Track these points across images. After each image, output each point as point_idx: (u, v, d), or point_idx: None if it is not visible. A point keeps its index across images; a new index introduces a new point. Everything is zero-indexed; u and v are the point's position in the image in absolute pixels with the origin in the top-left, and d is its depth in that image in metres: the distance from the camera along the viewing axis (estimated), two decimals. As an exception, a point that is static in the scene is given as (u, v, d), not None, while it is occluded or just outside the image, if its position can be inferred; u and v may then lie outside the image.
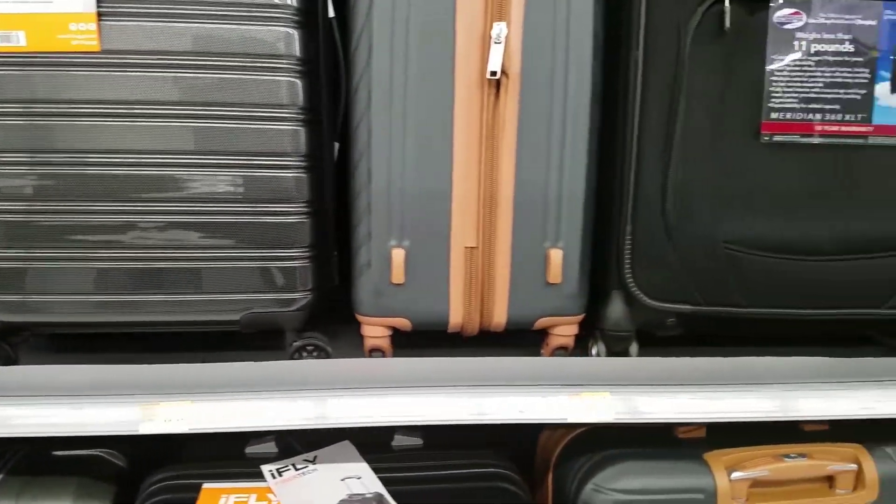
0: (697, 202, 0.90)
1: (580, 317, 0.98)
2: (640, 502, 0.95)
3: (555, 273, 0.92)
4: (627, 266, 0.93)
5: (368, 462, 1.04)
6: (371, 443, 1.10)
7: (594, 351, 1.01)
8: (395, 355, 1.01)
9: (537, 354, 1.06)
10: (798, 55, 0.87)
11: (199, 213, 0.89)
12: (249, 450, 1.08)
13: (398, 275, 0.90)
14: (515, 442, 1.21)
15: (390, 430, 1.13)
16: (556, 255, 0.92)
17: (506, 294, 0.93)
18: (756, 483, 0.99)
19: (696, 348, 1.04)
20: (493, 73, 0.86)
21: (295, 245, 0.91)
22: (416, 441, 1.11)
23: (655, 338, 1.03)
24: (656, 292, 0.93)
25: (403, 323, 0.93)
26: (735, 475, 0.97)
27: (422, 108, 0.88)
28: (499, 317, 0.94)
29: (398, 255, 0.90)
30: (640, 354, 1.02)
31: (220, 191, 0.88)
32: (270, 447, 1.08)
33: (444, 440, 1.13)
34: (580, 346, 1.06)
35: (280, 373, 0.90)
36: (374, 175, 0.89)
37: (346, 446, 1.08)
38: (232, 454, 1.07)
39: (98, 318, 0.92)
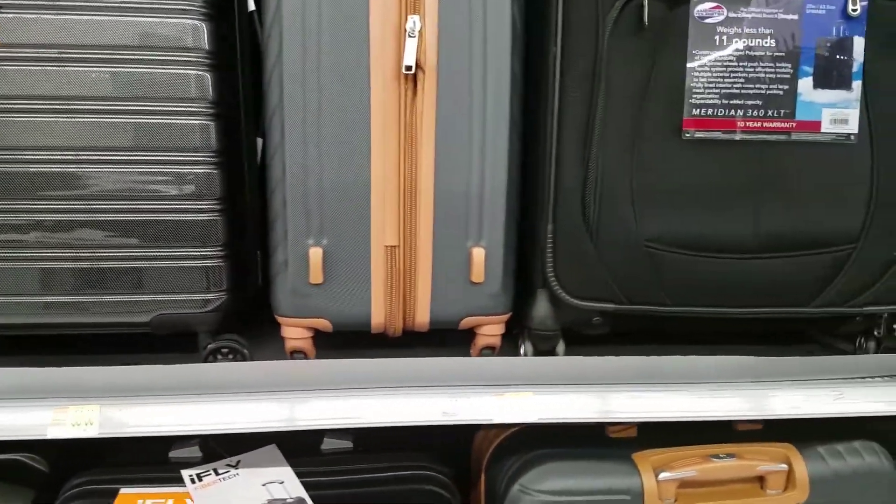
0: (618, 200, 0.89)
1: (506, 316, 0.96)
2: (564, 503, 0.95)
3: (478, 272, 0.90)
4: (550, 265, 0.91)
5: (296, 466, 1.02)
6: (300, 446, 1.09)
7: (522, 350, 1.00)
8: (331, 356, 0.99)
9: (467, 354, 1.05)
10: (719, 50, 0.86)
11: (105, 210, 0.86)
12: (173, 454, 1.05)
13: (316, 275, 0.87)
14: (463, 442, 1.21)
15: (319, 434, 1.12)
16: (478, 254, 0.90)
17: (428, 293, 0.91)
18: (685, 483, 0.98)
19: (626, 347, 1.03)
20: (409, 68, 0.84)
21: (208, 244, 0.88)
22: (346, 444, 1.09)
23: (584, 336, 1.02)
24: (579, 291, 0.92)
25: (324, 324, 0.91)
26: (663, 475, 0.96)
27: (337, 102, 0.85)
28: (422, 317, 0.92)
29: (315, 254, 0.87)
30: (569, 353, 1.02)
31: (127, 188, 0.85)
32: (195, 451, 1.05)
33: (377, 443, 1.13)
34: (511, 345, 1.05)
35: (193, 376, 0.87)
36: (288, 171, 0.86)
37: (272, 450, 1.05)
38: (156, 459, 1.06)
39: (3, 319, 0.89)
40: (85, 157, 0.84)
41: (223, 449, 1.06)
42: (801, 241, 0.91)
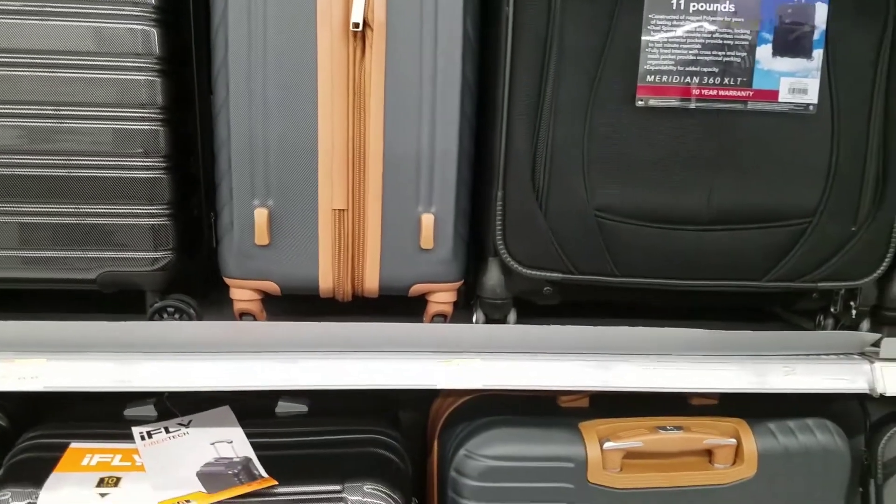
0: (569, 169, 0.87)
1: (457, 283, 0.96)
2: (508, 469, 0.95)
3: (427, 238, 0.90)
4: (499, 233, 0.90)
5: (250, 428, 1.03)
6: (255, 409, 1.10)
7: (475, 318, 1.00)
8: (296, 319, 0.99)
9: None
10: (676, 15, 0.84)
11: (49, 166, 0.86)
12: (128, 412, 1.07)
13: (261, 236, 0.87)
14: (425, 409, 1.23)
15: (275, 396, 1.13)
16: (428, 220, 0.89)
17: (377, 259, 0.90)
18: (631, 454, 0.98)
19: (579, 318, 1.03)
20: (357, 25, 0.82)
21: (154, 202, 0.88)
22: (301, 408, 1.11)
23: (539, 307, 1.02)
24: (528, 260, 0.91)
25: (271, 286, 0.90)
26: (608, 445, 0.96)
27: (283, 58, 0.84)
28: (370, 282, 0.91)
29: (261, 214, 0.86)
30: (522, 323, 1.01)
31: (72, 143, 0.85)
32: (150, 410, 1.06)
33: (334, 407, 1.14)
34: (467, 312, 1.05)
35: (138, 333, 0.88)
36: (233, 130, 0.85)
37: (225, 412, 1.06)
38: (111, 416, 1.07)
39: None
40: (29, 112, 0.83)
41: (178, 409, 1.09)
42: (756, 213, 0.90)
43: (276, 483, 0.88)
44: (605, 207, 0.90)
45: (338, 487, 0.90)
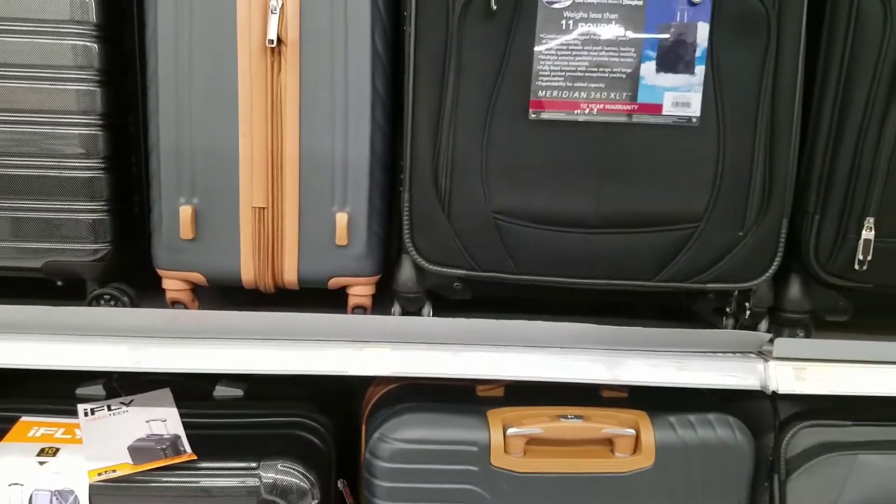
0: (469, 175, 0.95)
1: (375, 278, 1.04)
2: (417, 451, 1.02)
3: (341, 235, 0.98)
4: (407, 231, 0.98)
5: (187, 409, 1.13)
6: (196, 392, 1.19)
7: (393, 310, 1.08)
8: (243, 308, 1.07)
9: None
10: (565, 34, 0.92)
11: (6, 166, 0.96)
12: (79, 391, 1.17)
13: (186, 231, 0.96)
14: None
15: (214, 380, 1.22)
16: (342, 219, 0.98)
17: (295, 254, 0.99)
18: (534, 440, 1.06)
19: (492, 313, 1.11)
20: (271, 42, 0.91)
21: (94, 199, 0.98)
22: (237, 392, 1.20)
23: (458, 302, 1.10)
24: (434, 257, 0.99)
25: (198, 277, 1.00)
26: (511, 431, 1.03)
27: (206, 73, 0.93)
28: (290, 275, 1.00)
29: (185, 211, 0.96)
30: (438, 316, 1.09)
31: (20, 146, 0.95)
32: (99, 390, 1.17)
33: (270, 392, 1.22)
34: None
35: (73, 317, 0.97)
36: (161, 136, 0.95)
37: (164, 393, 1.16)
38: (64, 393, 1.17)
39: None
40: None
41: (125, 390, 1.19)
42: (642, 218, 0.97)
43: (196, 458, 0.98)
44: (503, 210, 0.97)
45: (254, 464, 0.99)
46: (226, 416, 1.11)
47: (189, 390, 1.16)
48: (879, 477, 1.08)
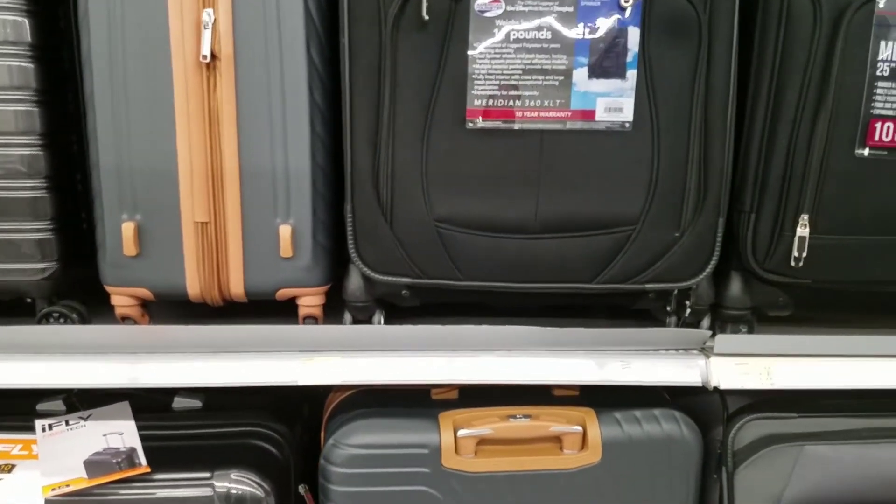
0: (410, 184, 0.97)
1: (323, 288, 1.06)
2: (369, 456, 1.04)
3: (286, 247, 1.00)
4: (352, 242, 1.00)
5: (146, 421, 1.15)
6: (154, 404, 1.21)
7: (344, 319, 1.10)
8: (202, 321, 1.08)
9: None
10: (498, 43, 0.93)
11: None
12: (40, 407, 1.19)
13: (129, 247, 0.97)
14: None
15: (173, 393, 1.24)
16: (285, 231, 0.99)
17: (240, 267, 1.00)
18: (484, 440, 1.08)
19: (445, 318, 1.13)
20: (205, 57, 0.92)
21: (38, 218, 0.99)
22: (196, 403, 1.21)
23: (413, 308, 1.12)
24: (379, 266, 1.01)
25: (144, 293, 1.01)
26: (461, 432, 1.06)
27: (143, 90, 0.94)
28: (236, 288, 1.02)
29: (128, 228, 0.97)
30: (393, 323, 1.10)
31: (-41, 167, 0.97)
32: (59, 405, 1.18)
33: (229, 402, 1.24)
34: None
35: (19, 336, 0.98)
36: (101, 154, 0.96)
37: (123, 406, 1.17)
38: (25, 410, 1.19)
39: None
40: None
41: (84, 405, 1.20)
42: (580, 223, 0.99)
43: (150, 470, 1.00)
44: (445, 218, 0.99)
45: (207, 475, 1.01)
46: (183, 427, 1.13)
47: (148, 403, 1.18)
48: (825, 467, 1.11)
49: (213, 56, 0.93)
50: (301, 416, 1.33)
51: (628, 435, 1.10)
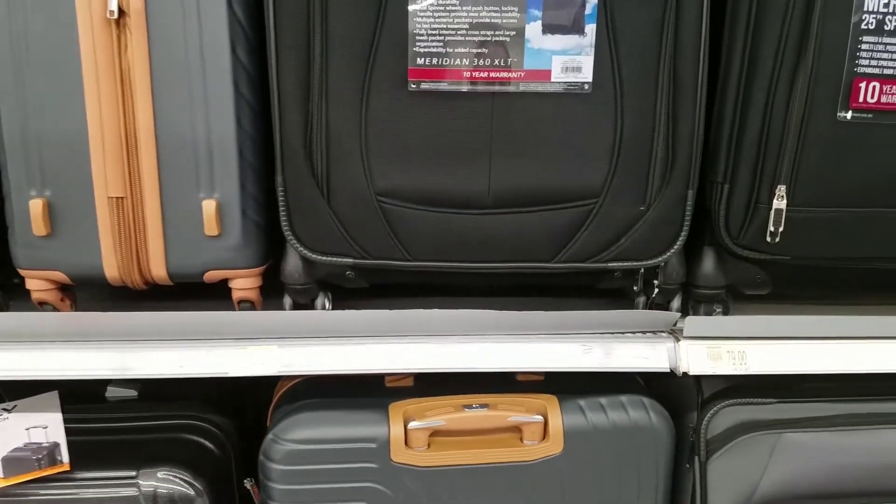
0: (347, 154, 0.88)
1: (258, 269, 0.97)
2: (311, 451, 0.97)
3: (210, 225, 0.91)
4: (285, 219, 0.92)
5: (78, 413, 1.08)
6: (88, 394, 1.14)
7: (284, 303, 1.03)
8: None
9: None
10: (441, -7, 0.84)
11: None
12: (-35, 398, 1.12)
13: (39, 227, 0.88)
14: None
15: (103, 383, 1.17)
16: (209, 206, 0.90)
17: (161, 246, 0.92)
18: (438, 432, 1.02)
19: (401, 300, 1.05)
20: (112, 13, 0.83)
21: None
22: (131, 393, 1.14)
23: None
24: (317, 246, 0.92)
25: (60, 276, 0.93)
26: (412, 424, 0.99)
27: (46, 51, 0.85)
28: (157, 269, 0.93)
29: (36, 205, 0.88)
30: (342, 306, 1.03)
31: None
32: (-15, 396, 1.12)
33: (164, 392, 1.16)
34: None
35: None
36: (4, 123, 0.87)
37: (51, 397, 1.10)
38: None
39: None
40: None
41: (10, 395, 1.13)
42: (538, 196, 0.91)
43: (69, 469, 0.93)
44: (388, 192, 0.91)
45: (132, 473, 0.94)
46: (114, 419, 1.06)
47: (81, 392, 1.11)
48: (804, 455, 1.05)
49: (122, 12, 0.83)
50: (250, 404, 1.27)
51: (592, 424, 1.03)
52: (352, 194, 0.90)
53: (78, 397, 1.09)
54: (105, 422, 1.04)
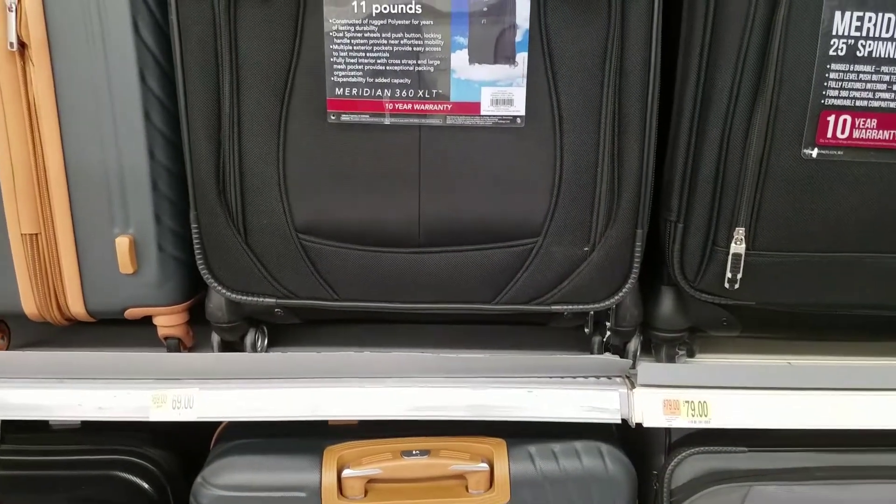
0: (264, 188, 0.87)
1: (181, 306, 0.98)
2: (238, 498, 0.97)
3: (124, 262, 0.91)
4: (200, 257, 0.91)
5: (14, 444, 1.08)
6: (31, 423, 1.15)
7: (213, 340, 1.02)
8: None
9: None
10: (358, 20, 0.80)
11: None
12: None
13: (-50, 264, 0.91)
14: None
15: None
16: (122, 243, 0.91)
17: (77, 283, 0.93)
18: (376, 479, 1.01)
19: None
20: (12, 45, 0.82)
21: None
22: (74, 422, 1.15)
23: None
24: (237, 285, 0.92)
25: (-21, 312, 0.95)
26: (346, 472, 0.98)
27: (-52, 82, 0.86)
28: (76, 307, 0.94)
29: (-54, 243, 0.90)
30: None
31: None
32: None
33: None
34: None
35: None
36: (-90, 158, 0.88)
37: (-15, 426, 1.13)
38: None
39: None
40: None
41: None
42: (473, 234, 0.88)
43: (-6, 509, 0.95)
44: (310, 228, 0.89)
45: (59, 517, 0.96)
46: (49, 453, 1.07)
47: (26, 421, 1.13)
48: (775, 511, 1.02)
49: (22, 43, 0.83)
50: (201, 434, 1.27)
51: (542, 472, 1.01)
52: (270, 231, 0.89)
53: (21, 425, 1.13)
54: (41, 454, 1.05)
